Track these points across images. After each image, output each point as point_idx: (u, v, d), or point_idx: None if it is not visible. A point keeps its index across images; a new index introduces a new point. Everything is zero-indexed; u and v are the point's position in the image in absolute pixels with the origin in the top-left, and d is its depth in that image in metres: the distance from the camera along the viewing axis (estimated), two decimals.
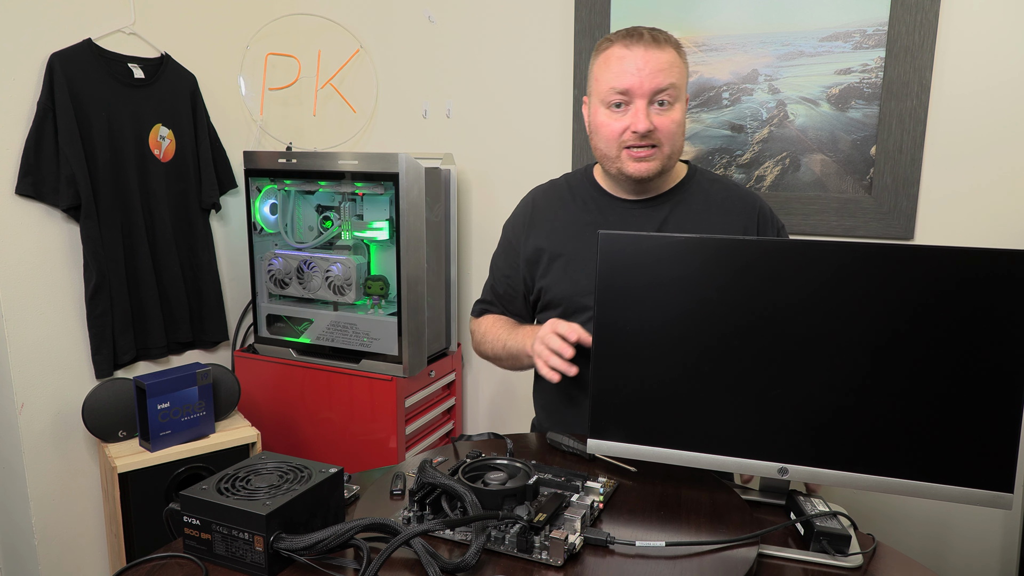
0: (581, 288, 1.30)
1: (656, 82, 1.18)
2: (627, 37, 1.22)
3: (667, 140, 1.21)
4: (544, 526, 0.88)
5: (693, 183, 1.34)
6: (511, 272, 1.41)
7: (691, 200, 1.31)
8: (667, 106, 1.20)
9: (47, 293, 1.80)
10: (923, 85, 1.78)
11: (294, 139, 2.44)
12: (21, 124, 1.72)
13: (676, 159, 1.27)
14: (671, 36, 1.25)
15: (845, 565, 0.92)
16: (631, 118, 1.20)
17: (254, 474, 0.93)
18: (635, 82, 1.19)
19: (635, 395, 1.04)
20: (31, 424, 1.79)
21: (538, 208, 1.39)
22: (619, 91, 1.20)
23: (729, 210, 1.31)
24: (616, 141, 1.23)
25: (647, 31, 1.22)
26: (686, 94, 1.27)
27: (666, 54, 1.20)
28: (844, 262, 0.94)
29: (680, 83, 1.22)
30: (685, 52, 1.27)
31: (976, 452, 0.92)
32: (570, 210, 1.35)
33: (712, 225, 1.29)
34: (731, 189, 1.35)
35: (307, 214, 2.16)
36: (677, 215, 1.30)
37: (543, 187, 1.43)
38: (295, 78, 2.40)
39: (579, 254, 1.31)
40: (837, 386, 0.96)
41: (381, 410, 2.03)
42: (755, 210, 1.32)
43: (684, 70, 1.24)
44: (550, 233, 1.35)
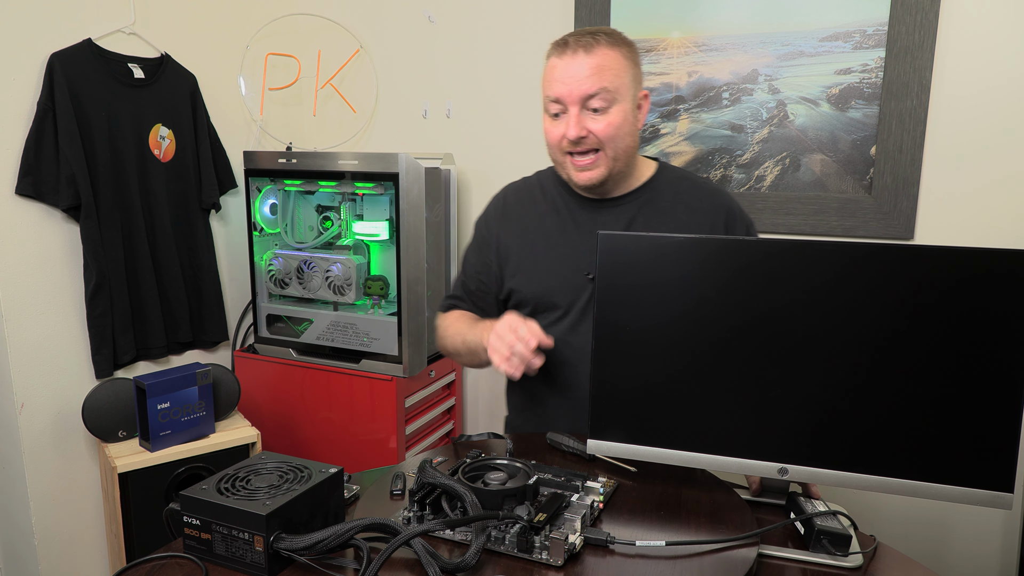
0: (549, 288, 1.30)
1: (584, 89, 1.19)
2: (560, 46, 1.23)
3: (607, 143, 1.22)
4: (544, 526, 0.88)
5: (661, 181, 1.34)
6: (483, 268, 1.40)
7: (659, 198, 1.32)
8: (602, 110, 1.20)
9: (47, 293, 1.80)
10: (923, 85, 1.78)
11: (294, 139, 2.44)
12: (21, 124, 1.72)
13: (625, 161, 1.27)
14: (613, 36, 1.23)
15: (845, 565, 0.92)
16: (565, 125, 1.21)
17: (254, 474, 0.93)
18: (564, 91, 1.20)
19: (635, 395, 1.04)
20: (31, 424, 1.79)
21: (510, 205, 1.39)
22: (553, 100, 1.22)
23: (696, 208, 1.31)
24: (558, 148, 1.25)
25: (577, 38, 1.21)
26: (638, 92, 1.26)
27: (596, 58, 1.19)
28: (844, 262, 0.94)
29: (616, 84, 1.20)
30: (635, 51, 1.26)
31: (976, 452, 0.92)
32: (540, 209, 1.36)
33: (680, 222, 1.30)
34: (699, 186, 1.35)
35: (307, 214, 2.16)
36: (645, 213, 1.30)
37: (516, 184, 1.43)
38: (295, 78, 2.40)
39: (548, 255, 1.32)
40: (837, 386, 0.96)
41: (381, 410, 2.03)
42: (723, 207, 1.32)
43: (625, 70, 1.22)
44: (520, 233, 1.35)
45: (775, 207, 1.99)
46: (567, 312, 1.30)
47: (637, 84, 1.26)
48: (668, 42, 2.03)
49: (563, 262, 1.30)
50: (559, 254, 1.30)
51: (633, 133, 1.25)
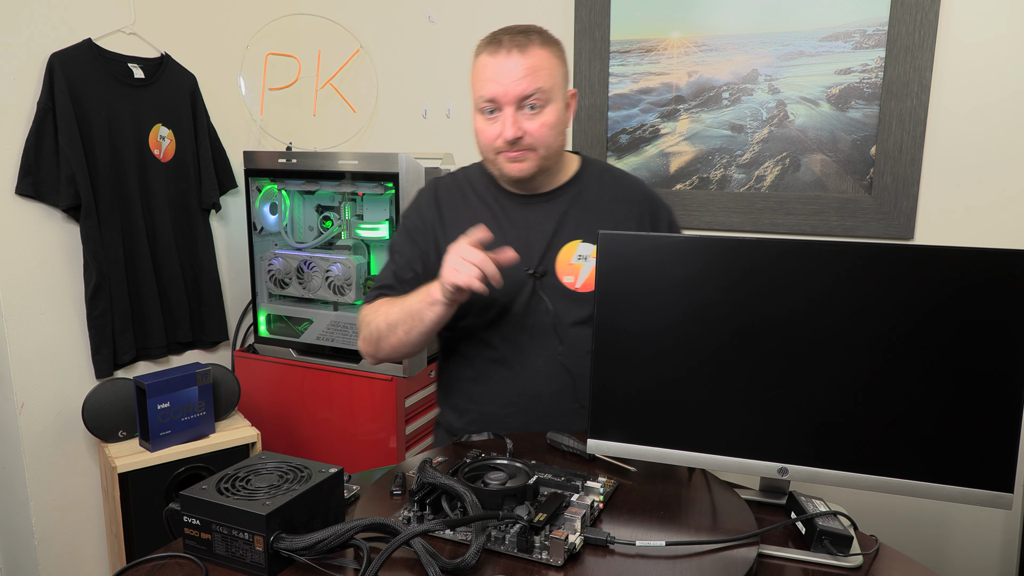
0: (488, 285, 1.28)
1: (520, 89, 1.19)
2: (491, 43, 1.23)
3: (540, 143, 1.23)
4: (544, 526, 0.88)
5: (586, 175, 1.36)
6: (418, 257, 1.35)
7: (586, 192, 1.34)
8: (537, 109, 1.21)
9: (47, 293, 1.80)
10: (923, 85, 1.78)
11: (294, 139, 2.44)
12: (21, 124, 1.72)
13: (555, 158, 1.29)
14: (544, 35, 1.24)
15: (845, 565, 0.92)
16: (501, 125, 1.22)
17: (254, 474, 0.93)
18: (499, 91, 1.20)
19: (635, 395, 1.04)
20: (31, 424, 1.79)
21: (441, 200, 1.37)
22: (487, 100, 1.22)
23: (622, 199, 1.35)
24: (491, 147, 1.25)
25: (511, 37, 1.22)
26: (567, 91, 1.27)
27: (530, 58, 1.20)
28: (844, 262, 0.94)
29: (550, 84, 1.21)
30: (562, 49, 1.27)
31: (976, 452, 0.92)
32: (471, 205, 1.35)
33: (609, 214, 1.32)
34: (620, 178, 1.39)
35: (307, 214, 2.15)
36: (575, 207, 1.32)
37: (444, 179, 1.42)
38: (295, 78, 2.39)
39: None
40: (837, 386, 0.96)
41: (381, 410, 2.02)
42: (646, 196, 1.37)
43: (557, 69, 1.24)
44: (453, 228, 1.32)
45: (775, 207, 1.99)
46: (508, 308, 1.29)
47: (566, 83, 1.28)
48: (668, 42, 2.03)
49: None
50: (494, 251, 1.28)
51: (564, 132, 1.28)
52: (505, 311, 1.30)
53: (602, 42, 2.09)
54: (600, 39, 2.09)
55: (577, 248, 1.30)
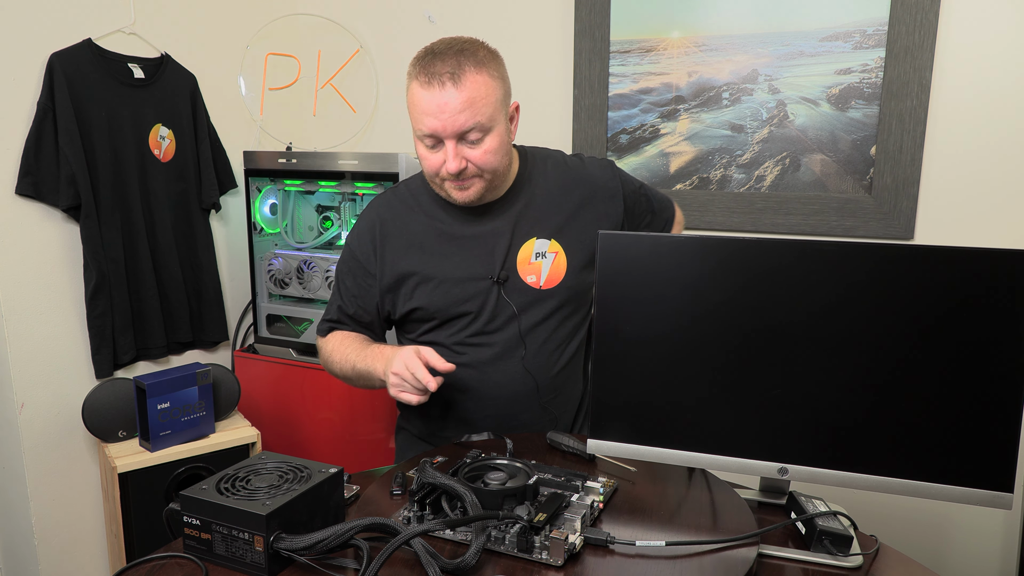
0: (453, 298, 1.29)
1: (457, 125, 1.16)
2: (423, 73, 1.17)
3: (485, 169, 1.21)
4: (544, 526, 0.88)
5: (531, 171, 1.33)
6: (361, 292, 1.35)
7: (534, 190, 1.32)
8: (478, 140, 1.19)
9: (47, 293, 1.80)
10: (923, 85, 1.78)
11: (294, 139, 2.44)
12: (21, 124, 1.72)
13: (503, 177, 1.27)
14: (476, 56, 1.18)
15: (845, 565, 0.92)
16: (444, 156, 1.19)
17: (254, 474, 0.93)
18: (438, 126, 1.16)
19: (635, 395, 1.04)
20: (31, 424, 1.79)
21: (385, 223, 1.33)
22: (426, 134, 1.19)
23: (567, 186, 1.33)
24: (436, 174, 1.23)
25: (442, 63, 1.16)
26: (508, 109, 1.24)
27: (465, 91, 1.15)
28: (843, 262, 0.94)
29: (487, 114, 1.17)
30: (499, 63, 1.22)
31: (976, 452, 0.92)
32: (421, 221, 1.32)
33: (560, 206, 1.31)
34: (561, 164, 1.36)
35: (307, 214, 2.15)
36: (528, 207, 1.30)
37: (385, 199, 1.38)
38: (295, 78, 2.39)
39: (443, 266, 1.29)
40: (837, 386, 0.96)
41: (381, 410, 2.02)
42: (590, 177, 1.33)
43: (494, 92, 1.18)
44: (406, 250, 1.31)
45: (775, 207, 1.99)
46: (477, 316, 1.29)
47: (507, 100, 1.24)
48: (668, 42, 2.03)
49: (462, 269, 1.28)
50: (455, 263, 1.29)
51: (509, 151, 1.25)
52: (475, 319, 1.30)
53: (602, 42, 2.09)
54: (600, 39, 2.09)
55: (534, 246, 1.29)
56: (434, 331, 1.32)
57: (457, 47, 1.18)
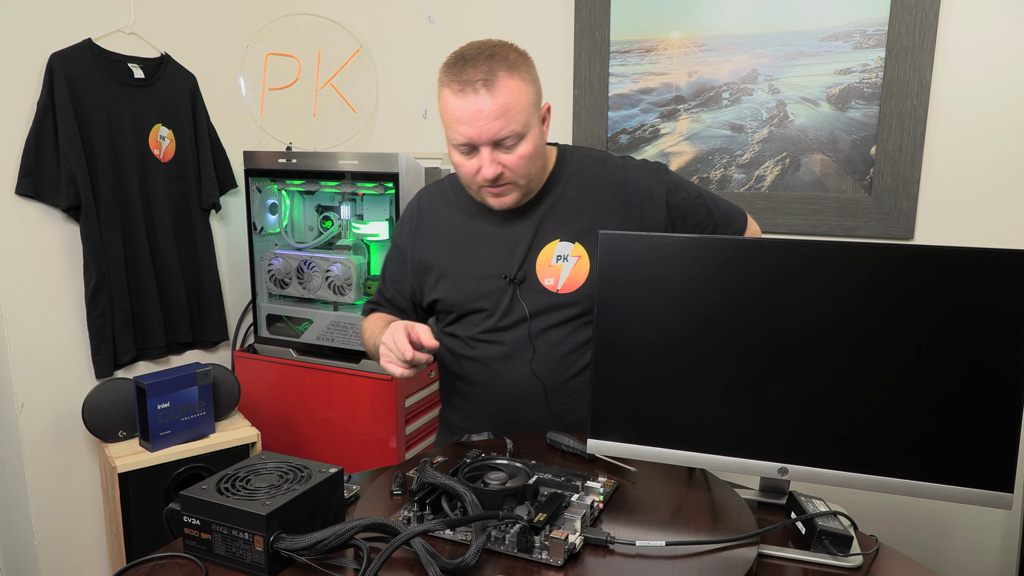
0: (470, 294, 1.30)
1: (492, 132, 1.15)
2: (455, 81, 1.15)
3: (520, 175, 1.21)
4: (544, 526, 0.88)
5: (565, 171, 1.32)
6: (399, 278, 1.40)
7: (565, 190, 1.31)
8: (513, 146, 1.18)
9: (47, 293, 1.80)
10: (923, 85, 1.78)
11: (294, 139, 2.44)
12: (21, 124, 1.72)
13: (538, 181, 1.27)
14: (508, 60, 1.16)
15: (845, 565, 0.92)
16: (479, 163, 1.19)
17: (254, 474, 0.93)
18: (473, 134, 1.16)
19: (635, 395, 1.04)
20: (31, 424, 1.79)
21: (423, 214, 1.38)
22: (461, 143, 1.19)
23: (603, 187, 1.30)
24: (472, 180, 1.23)
25: (475, 71, 1.14)
26: (540, 111, 1.23)
27: (500, 98, 1.14)
28: (843, 262, 0.94)
29: (522, 120, 1.16)
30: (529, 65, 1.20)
31: (976, 452, 0.92)
32: (453, 216, 1.35)
33: (588, 208, 1.29)
34: (602, 163, 1.33)
35: (307, 214, 2.15)
36: (555, 209, 1.30)
37: (429, 190, 1.41)
38: (295, 78, 2.40)
39: (466, 261, 1.31)
40: (837, 386, 0.96)
41: (381, 410, 2.02)
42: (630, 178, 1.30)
43: (527, 97, 1.17)
44: (435, 242, 1.34)
45: (775, 207, 1.99)
46: (491, 313, 1.30)
47: (539, 102, 1.23)
48: (668, 42, 2.03)
49: (482, 266, 1.30)
50: (477, 259, 1.30)
51: (543, 154, 1.25)
52: (488, 317, 1.31)
53: (602, 42, 2.09)
54: (600, 39, 2.09)
55: (556, 248, 1.28)
56: (453, 324, 1.36)
57: (488, 52, 1.17)
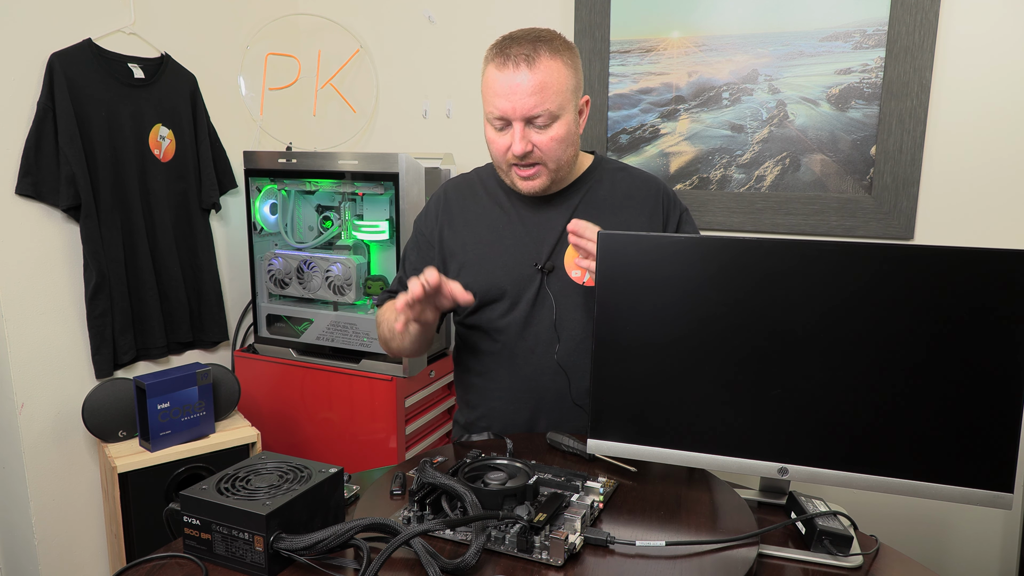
0: (497, 280, 1.31)
1: (527, 107, 1.18)
2: (499, 55, 1.20)
3: (550, 157, 1.23)
4: (544, 526, 0.88)
5: (598, 172, 1.37)
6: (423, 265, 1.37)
7: (597, 189, 1.35)
8: (546, 126, 1.21)
9: (47, 293, 1.80)
10: (923, 85, 1.78)
11: (294, 139, 2.44)
12: (21, 124, 1.72)
13: (567, 169, 1.29)
14: (553, 44, 1.21)
15: (845, 565, 0.92)
16: (510, 139, 1.22)
17: (254, 474, 0.93)
18: (508, 108, 1.19)
19: (635, 395, 1.04)
20: (31, 424, 1.79)
21: (451, 201, 1.39)
22: (497, 116, 1.22)
23: (633, 195, 1.35)
24: (503, 158, 1.26)
25: (518, 48, 1.19)
26: (578, 100, 1.26)
27: (539, 74, 1.17)
28: (843, 262, 0.94)
29: (559, 100, 1.20)
30: (574, 55, 1.24)
31: (976, 452, 0.92)
32: (482, 204, 1.37)
33: (620, 210, 1.33)
34: (635, 176, 1.39)
35: (307, 214, 2.16)
36: (587, 203, 1.33)
37: (456, 180, 1.44)
38: (295, 78, 2.39)
39: (494, 247, 1.33)
40: (837, 386, 0.96)
41: (381, 410, 2.02)
42: (659, 192, 1.36)
43: (567, 81, 1.21)
44: (464, 228, 1.36)
45: (775, 207, 1.99)
46: (516, 303, 1.31)
47: (579, 91, 1.26)
48: (668, 42, 2.03)
49: (511, 254, 1.31)
50: (506, 246, 1.32)
51: (575, 142, 1.27)
52: (513, 306, 1.31)
53: (602, 42, 2.09)
54: (600, 39, 2.09)
55: None
56: (475, 314, 1.35)
57: (535, 34, 1.21)
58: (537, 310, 1.30)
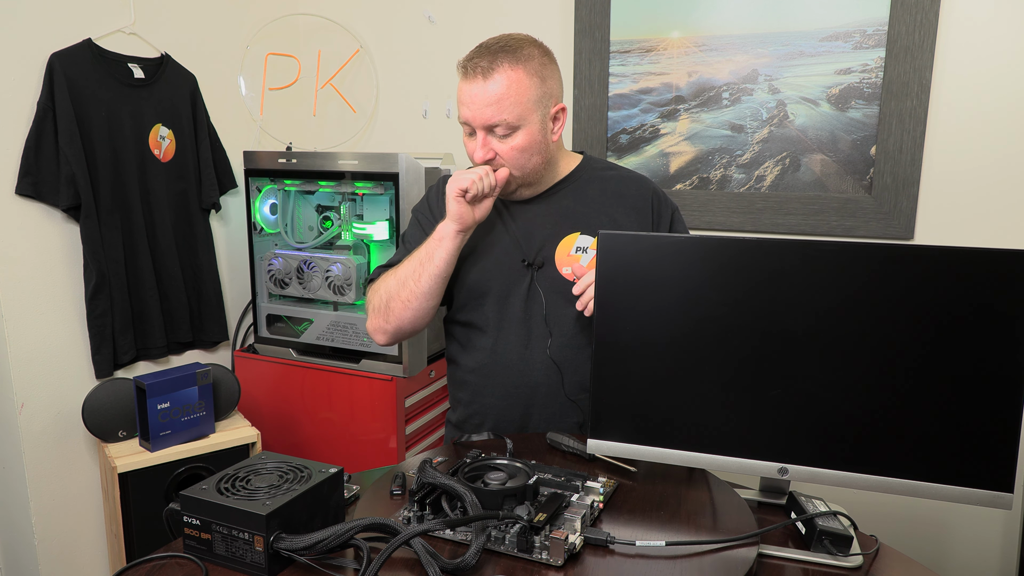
0: (487, 276, 1.32)
1: (485, 117, 1.21)
2: (464, 65, 1.23)
3: (513, 165, 1.25)
4: (544, 526, 0.88)
5: (586, 171, 1.38)
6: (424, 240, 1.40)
7: (586, 188, 1.36)
8: (506, 136, 1.23)
9: (47, 293, 1.80)
10: (923, 85, 1.78)
11: (294, 139, 2.44)
12: (21, 124, 1.72)
13: (536, 175, 1.30)
14: (516, 54, 1.21)
15: (845, 565, 0.92)
16: (474, 145, 1.26)
17: (254, 474, 0.93)
18: (469, 116, 1.23)
19: (635, 395, 1.04)
20: (31, 424, 1.79)
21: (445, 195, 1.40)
22: (463, 122, 1.26)
23: (623, 194, 1.36)
24: (473, 162, 1.29)
25: (479, 59, 1.21)
26: (549, 108, 1.26)
27: (495, 85, 1.19)
28: (843, 262, 0.94)
29: (517, 112, 1.21)
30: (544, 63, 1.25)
31: (976, 452, 0.92)
32: None
33: (607, 209, 1.34)
34: (624, 175, 1.40)
35: (307, 214, 2.15)
36: (576, 202, 1.34)
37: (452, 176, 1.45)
38: (295, 78, 2.39)
39: (485, 241, 1.34)
40: (837, 386, 0.96)
41: (381, 410, 2.02)
42: (649, 192, 1.37)
43: (529, 91, 1.21)
44: None
45: (775, 207, 1.99)
46: (507, 299, 1.31)
47: (547, 100, 1.25)
48: (668, 42, 2.03)
49: (501, 249, 1.32)
50: (495, 243, 1.33)
51: (542, 151, 1.27)
52: (503, 301, 1.32)
53: (602, 42, 2.09)
54: (600, 39, 2.09)
55: (576, 240, 1.31)
56: (467, 309, 1.35)
57: (503, 43, 1.23)
58: (528, 306, 1.31)
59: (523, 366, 1.31)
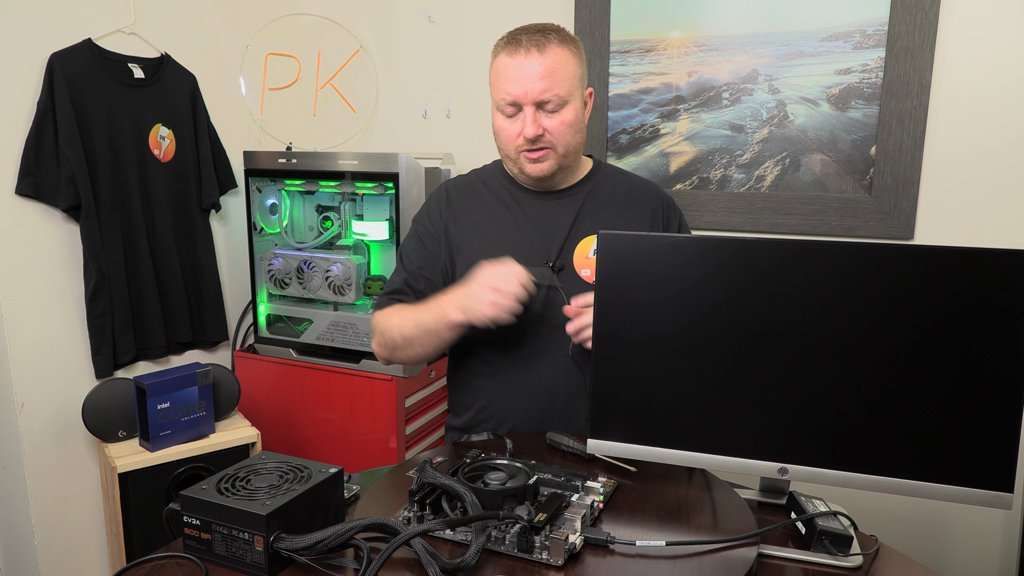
0: None
1: (538, 91, 1.22)
2: (510, 44, 1.25)
3: (559, 141, 1.26)
4: (544, 526, 0.88)
5: (600, 175, 1.40)
6: (428, 263, 1.36)
7: (600, 191, 1.37)
8: (556, 110, 1.24)
9: (47, 293, 1.80)
10: (923, 85, 1.79)
11: (294, 139, 2.44)
12: (21, 124, 1.72)
13: (574, 156, 1.32)
14: (561, 34, 1.27)
15: (845, 565, 0.92)
16: (521, 124, 1.25)
17: (254, 474, 0.93)
18: (519, 92, 1.23)
19: (635, 395, 1.04)
20: (31, 424, 1.79)
21: (453, 199, 1.38)
22: (508, 102, 1.25)
23: (635, 199, 1.38)
24: (513, 145, 1.28)
25: (528, 36, 1.24)
26: (584, 89, 1.30)
27: (548, 59, 1.22)
28: (843, 262, 0.94)
29: (566, 86, 1.24)
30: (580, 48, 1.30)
31: (976, 452, 0.92)
32: (486, 203, 1.37)
33: (622, 212, 1.36)
34: (633, 180, 1.42)
35: (307, 214, 2.16)
36: (590, 204, 1.35)
37: (454, 180, 1.44)
38: (295, 78, 2.40)
39: (503, 244, 1.32)
40: (837, 386, 0.96)
41: (381, 410, 2.03)
42: (658, 197, 1.40)
43: (574, 69, 1.26)
44: (469, 226, 1.35)
45: (775, 207, 1.99)
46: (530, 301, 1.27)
47: (584, 82, 1.30)
48: (668, 42, 2.03)
49: (521, 252, 1.30)
50: (515, 245, 1.32)
51: (582, 130, 1.30)
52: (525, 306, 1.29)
53: (602, 42, 2.09)
54: (600, 39, 2.09)
55: (594, 243, 1.31)
56: None
57: (542, 25, 1.29)
58: (549, 308, 1.30)
59: (544, 369, 1.30)
